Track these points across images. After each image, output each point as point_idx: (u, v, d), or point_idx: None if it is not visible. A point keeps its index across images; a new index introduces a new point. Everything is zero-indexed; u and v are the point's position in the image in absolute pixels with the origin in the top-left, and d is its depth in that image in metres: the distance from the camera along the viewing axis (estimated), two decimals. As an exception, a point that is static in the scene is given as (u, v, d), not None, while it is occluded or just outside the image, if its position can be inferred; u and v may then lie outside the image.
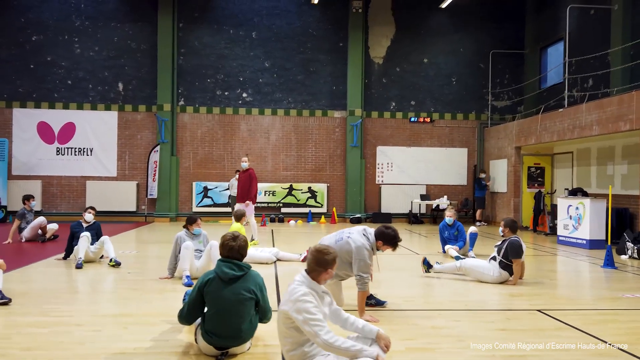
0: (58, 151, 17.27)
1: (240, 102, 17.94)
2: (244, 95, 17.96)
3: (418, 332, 4.94)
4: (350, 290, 5.80)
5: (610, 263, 8.98)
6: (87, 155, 17.38)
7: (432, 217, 18.01)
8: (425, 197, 17.70)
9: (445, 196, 17.58)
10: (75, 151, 17.34)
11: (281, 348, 3.72)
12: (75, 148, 17.35)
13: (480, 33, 18.53)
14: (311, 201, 17.90)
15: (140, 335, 4.78)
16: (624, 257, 10.24)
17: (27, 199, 12.08)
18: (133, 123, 17.60)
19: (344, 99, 18.12)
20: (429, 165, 18.38)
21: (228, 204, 16.86)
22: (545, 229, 14.57)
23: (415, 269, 8.06)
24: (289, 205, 17.82)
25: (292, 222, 17.29)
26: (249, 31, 17.96)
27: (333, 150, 18.18)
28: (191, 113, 17.77)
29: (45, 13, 17.32)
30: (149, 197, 17.25)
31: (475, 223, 16.32)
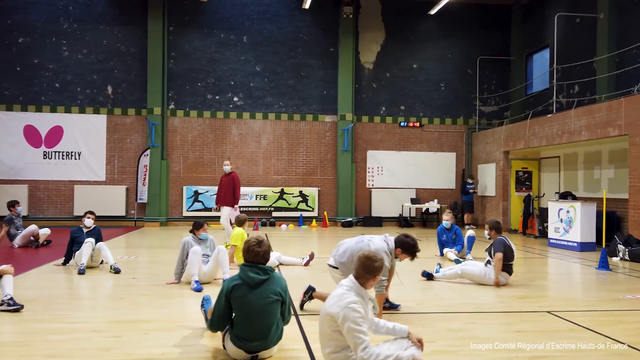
0: (45, 155, 17.01)
1: (231, 106, 17.91)
2: (235, 99, 17.93)
3: (437, 335, 5.02)
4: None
5: (605, 265, 9.21)
6: (75, 159, 17.14)
7: (422, 221, 18.20)
8: (416, 201, 17.89)
9: (435, 200, 17.79)
10: (63, 155, 17.09)
11: (322, 350, 3.76)
12: (63, 152, 17.10)
13: (468, 39, 18.82)
14: (302, 205, 17.94)
15: (162, 341, 4.77)
16: (615, 259, 10.50)
17: (12, 205, 11.79)
18: (122, 127, 17.43)
19: (335, 104, 18.22)
20: (418, 169, 18.58)
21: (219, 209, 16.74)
22: (535, 232, 14.84)
23: (418, 273, 8.15)
24: (280, 209, 17.83)
25: (284, 226, 17.30)
26: (239, 35, 17.96)
27: (324, 154, 18.26)
28: (181, 117, 17.68)
29: (32, 15, 17.06)
30: (139, 202, 17.08)
31: (465, 227, 16.55)
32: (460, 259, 9.65)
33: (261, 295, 4.18)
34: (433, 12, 18.06)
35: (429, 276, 7.95)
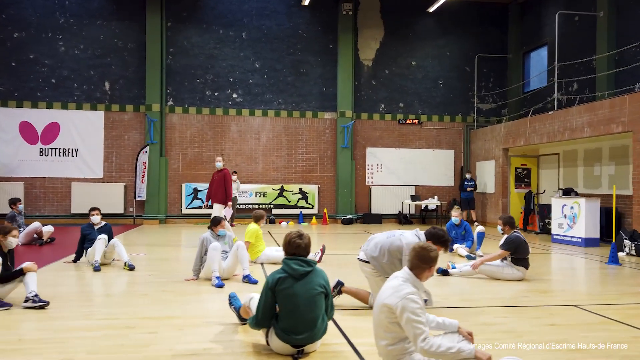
0: (41, 152, 16.73)
1: (230, 103, 17.78)
2: (234, 95, 17.81)
3: (474, 329, 4.98)
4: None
5: (615, 260, 9.31)
6: (72, 156, 16.90)
7: (422, 218, 18.26)
8: (416, 198, 17.94)
9: (435, 197, 17.84)
10: (59, 152, 16.84)
11: (377, 342, 3.71)
12: (59, 149, 16.84)
13: (466, 37, 18.91)
14: (302, 202, 17.89)
15: (198, 336, 4.71)
16: (621, 254, 10.61)
17: (14, 202, 11.69)
18: (120, 123, 17.22)
19: (334, 101, 18.19)
20: (417, 166, 18.63)
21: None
22: (536, 228, 14.97)
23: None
24: (280, 206, 17.76)
25: (284, 224, 17.23)
26: (238, 31, 17.84)
27: (323, 151, 18.22)
28: (180, 113, 17.51)
29: (27, 9, 16.76)
30: (138, 199, 16.89)
31: (473, 223, 16.60)
32: (472, 255, 9.70)
33: (306, 287, 4.16)
34: (432, 10, 18.14)
35: (444, 272, 7.97)
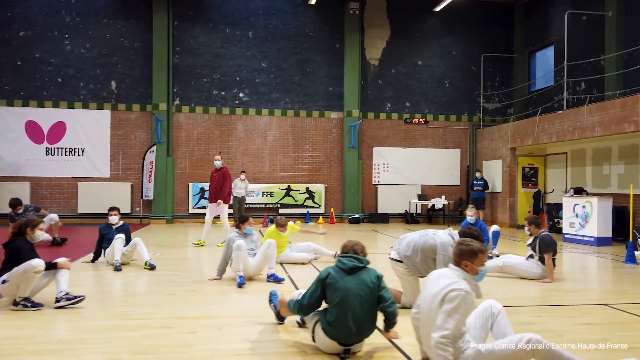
0: (47, 151, 16.63)
1: (237, 102, 17.74)
2: (241, 95, 17.77)
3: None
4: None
5: (632, 259, 9.36)
6: (79, 155, 16.80)
7: (428, 217, 18.28)
8: (423, 197, 17.95)
9: (443, 196, 17.86)
10: (65, 151, 16.74)
11: (430, 338, 3.64)
12: (65, 148, 16.75)
13: (472, 37, 18.94)
14: (309, 202, 17.86)
15: (240, 336, 4.68)
16: (637, 253, 10.64)
17: (14, 207, 11.08)
18: (127, 122, 17.14)
19: (340, 100, 18.18)
20: (423, 166, 18.64)
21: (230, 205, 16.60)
22: (545, 227, 14.95)
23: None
24: (287, 206, 17.72)
25: (291, 223, 17.12)
26: (245, 31, 17.79)
27: (330, 151, 18.21)
28: (187, 113, 17.45)
29: (33, 8, 16.66)
30: (145, 199, 16.82)
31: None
32: (489, 255, 9.71)
33: (356, 281, 4.15)
34: (438, 9, 18.17)
35: None
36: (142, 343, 4.45)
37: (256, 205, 17.48)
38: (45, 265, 5.60)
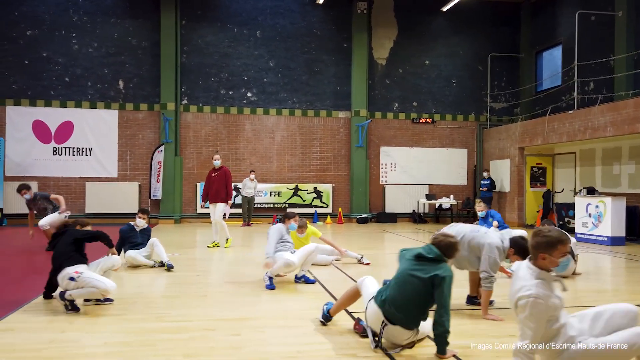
0: (55, 151, 16.53)
1: (244, 102, 17.69)
2: (249, 94, 17.73)
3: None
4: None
5: (651, 258, 9.39)
6: (86, 155, 16.72)
7: (436, 217, 18.29)
8: (431, 197, 17.97)
9: (452, 196, 17.89)
10: (73, 151, 16.65)
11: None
12: (73, 148, 16.66)
13: (479, 36, 18.97)
14: (317, 201, 17.84)
15: (284, 338, 4.66)
16: (652, 253, 10.72)
17: (19, 191, 10.46)
18: (134, 122, 17.06)
19: (348, 100, 18.17)
20: (430, 165, 18.66)
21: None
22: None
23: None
24: (295, 205, 17.69)
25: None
26: (253, 30, 17.74)
27: (338, 150, 18.19)
28: (194, 112, 17.39)
29: (40, 7, 16.54)
30: (153, 199, 16.76)
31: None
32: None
33: (410, 266, 4.26)
34: (446, 9, 18.19)
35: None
36: (190, 345, 4.42)
37: (264, 205, 17.44)
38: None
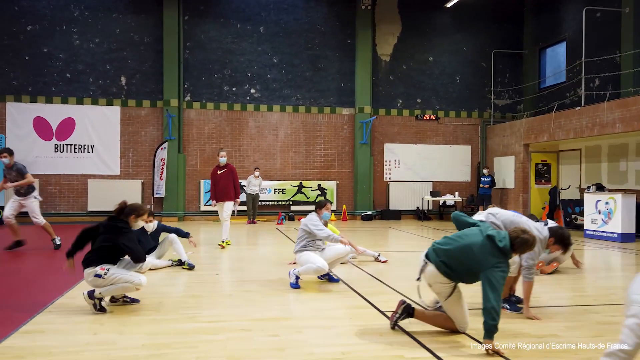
0: (56, 148, 16.31)
1: (248, 98, 17.55)
2: (252, 91, 17.58)
3: (599, 329, 4.93)
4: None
5: (667, 255, 9.39)
6: (88, 152, 16.51)
7: (440, 214, 18.27)
8: (436, 194, 17.94)
9: (456, 192, 17.86)
10: (75, 148, 16.43)
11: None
12: (75, 145, 16.44)
13: (482, 33, 18.94)
14: (321, 199, 17.69)
15: (326, 339, 4.57)
16: (665, 249, 10.74)
17: (1, 152, 9.67)
18: (137, 119, 16.86)
19: (352, 96, 18.08)
20: (434, 162, 18.63)
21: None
22: (561, 223, 15.07)
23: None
24: (299, 203, 17.60)
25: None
26: (256, 26, 17.59)
27: (341, 147, 18.11)
28: (198, 109, 17.22)
29: (40, 2, 16.29)
30: (156, 196, 16.58)
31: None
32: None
33: (480, 245, 4.31)
34: (449, 5, 18.12)
35: None
36: (230, 347, 4.31)
37: (268, 202, 17.33)
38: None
